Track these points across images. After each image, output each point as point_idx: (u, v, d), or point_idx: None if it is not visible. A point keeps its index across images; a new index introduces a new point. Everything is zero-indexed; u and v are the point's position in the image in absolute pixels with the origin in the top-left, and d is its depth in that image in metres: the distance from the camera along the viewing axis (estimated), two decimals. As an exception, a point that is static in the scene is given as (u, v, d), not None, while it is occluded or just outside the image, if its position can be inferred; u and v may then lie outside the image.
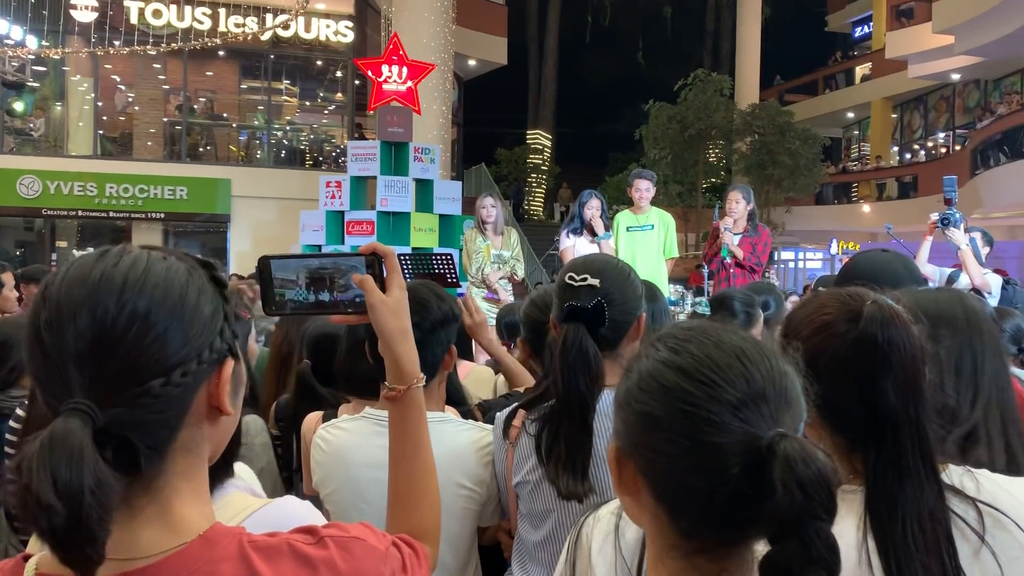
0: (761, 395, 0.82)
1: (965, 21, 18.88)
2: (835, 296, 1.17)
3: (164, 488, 0.82)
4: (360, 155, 11.69)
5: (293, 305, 1.15)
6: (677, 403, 0.83)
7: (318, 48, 19.11)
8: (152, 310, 0.80)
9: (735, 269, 6.03)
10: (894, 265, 2.19)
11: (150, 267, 0.82)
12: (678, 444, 0.82)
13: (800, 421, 0.84)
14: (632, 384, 0.88)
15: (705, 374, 0.83)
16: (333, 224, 11.60)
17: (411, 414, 1.21)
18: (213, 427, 0.87)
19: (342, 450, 1.77)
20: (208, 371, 0.84)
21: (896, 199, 23.82)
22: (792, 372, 0.86)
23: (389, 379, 1.21)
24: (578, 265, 1.70)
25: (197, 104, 19.27)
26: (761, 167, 21.05)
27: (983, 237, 5.53)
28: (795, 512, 0.75)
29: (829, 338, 1.13)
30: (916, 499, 1.04)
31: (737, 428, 0.80)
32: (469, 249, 6.82)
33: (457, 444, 1.76)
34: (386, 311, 1.16)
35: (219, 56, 18.99)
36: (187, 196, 17.13)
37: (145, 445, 0.80)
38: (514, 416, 1.76)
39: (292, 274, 1.14)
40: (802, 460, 0.76)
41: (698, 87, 21.04)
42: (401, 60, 11.86)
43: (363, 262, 1.15)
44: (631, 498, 0.88)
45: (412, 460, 1.21)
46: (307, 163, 19.67)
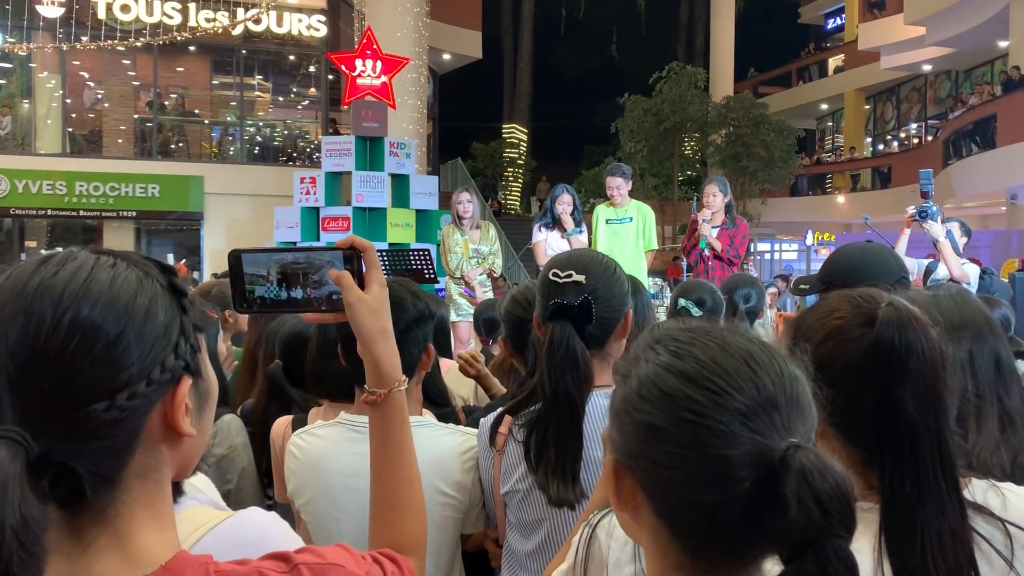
0: (772, 402, 0.76)
1: (936, 12, 19.06)
2: (847, 298, 1.11)
3: (118, 517, 0.75)
4: (334, 150, 11.60)
5: (263, 302, 1.08)
6: (681, 412, 0.76)
7: (290, 43, 18.92)
8: (94, 325, 0.72)
9: (713, 262, 6.04)
10: (882, 256, 2.16)
11: (93, 275, 0.74)
12: (682, 456, 0.75)
13: (812, 429, 0.79)
14: (631, 391, 0.81)
15: (711, 380, 0.77)
16: (308, 220, 11.51)
17: (393, 419, 1.14)
18: (174, 449, 0.79)
19: (316, 458, 1.70)
20: (161, 391, 0.76)
21: (870, 190, 24.04)
22: (803, 377, 0.80)
23: (369, 382, 1.13)
24: (562, 261, 1.64)
25: (168, 100, 19.02)
26: (736, 159, 21.16)
27: (961, 227, 5.57)
28: (811, 529, 0.69)
29: (842, 343, 1.07)
30: (937, 518, 0.98)
31: (747, 439, 0.74)
32: (447, 244, 6.78)
33: (437, 449, 1.70)
34: (365, 310, 1.08)
35: (190, 51, 18.75)
36: (159, 194, 16.91)
37: (91, 473, 0.72)
38: (500, 422, 1.69)
39: (263, 269, 1.07)
40: (818, 472, 0.70)
41: (673, 80, 21.09)
42: (375, 54, 11.77)
43: (340, 257, 1.08)
44: (629, 513, 0.82)
45: (395, 468, 1.14)
46: (281, 159, 19.49)
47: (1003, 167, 15.79)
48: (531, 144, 31.27)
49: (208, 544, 0.89)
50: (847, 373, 1.04)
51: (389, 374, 1.12)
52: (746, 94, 23.26)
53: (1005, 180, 16.00)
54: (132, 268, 0.78)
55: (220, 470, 2.28)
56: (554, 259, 1.68)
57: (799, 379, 0.79)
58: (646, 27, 33.42)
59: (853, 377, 1.04)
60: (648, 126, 21.17)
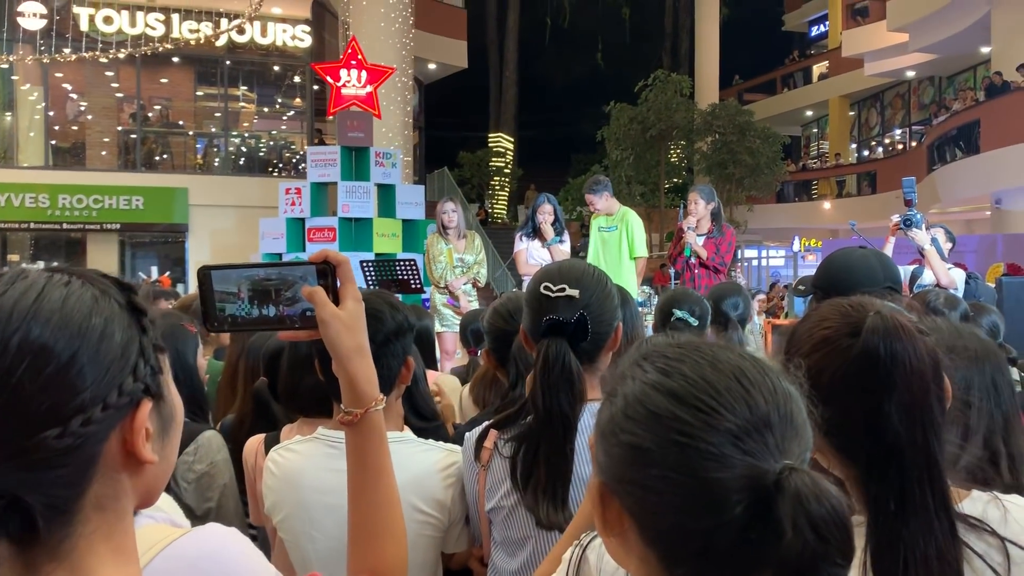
0: (765, 422, 0.71)
1: (918, 19, 19.22)
2: (836, 307, 1.08)
3: (74, 551, 0.70)
4: (320, 161, 11.56)
5: (235, 320, 1.04)
6: (669, 433, 0.72)
7: (275, 53, 18.89)
8: (44, 346, 0.68)
9: (699, 270, 6.05)
10: (869, 261, 2.15)
11: (45, 294, 0.70)
12: (671, 480, 0.71)
13: (808, 450, 0.75)
14: (617, 411, 0.77)
15: (701, 399, 0.72)
16: (294, 232, 11.46)
17: (370, 440, 1.09)
18: (135, 477, 0.75)
19: (293, 474, 1.66)
20: (119, 416, 0.72)
21: (856, 195, 24.17)
22: (797, 394, 0.76)
23: (345, 401, 1.08)
24: (554, 273, 1.60)
25: (152, 112, 18.94)
26: (722, 166, 21.22)
27: (946, 234, 5.62)
28: (807, 556, 0.65)
29: (830, 354, 1.04)
30: (922, 537, 0.95)
31: (739, 461, 0.70)
32: (432, 254, 6.76)
33: (415, 466, 1.66)
34: (339, 326, 1.04)
35: (174, 63, 18.69)
36: (143, 206, 16.82)
37: (44, 505, 0.68)
38: (485, 437, 1.66)
39: (233, 286, 1.03)
40: (814, 497, 0.66)
41: (658, 88, 21.16)
42: (360, 64, 11.75)
43: (314, 272, 1.04)
44: (616, 540, 0.78)
45: (373, 491, 1.09)
46: (266, 170, 19.43)
47: (987, 172, 15.90)
48: (518, 153, 31.31)
49: (159, 567, 0.82)
50: (836, 384, 1.01)
51: (366, 393, 1.08)
52: (731, 101, 23.37)
53: (989, 185, 16.12)
54: (87, 286, 0.74)
55: (200, 487, 2.24)
56: (545, 272, 1.63)
57: (793, 397, 0.75)
58: (631, 35, 33.59)
59: (842, 388, 1.00)
60: (634, 134, 21.23)
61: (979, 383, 1.34)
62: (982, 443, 1.31)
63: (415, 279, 6.32)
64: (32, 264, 15.00)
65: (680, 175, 23.98)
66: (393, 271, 6.35)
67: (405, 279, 6.31)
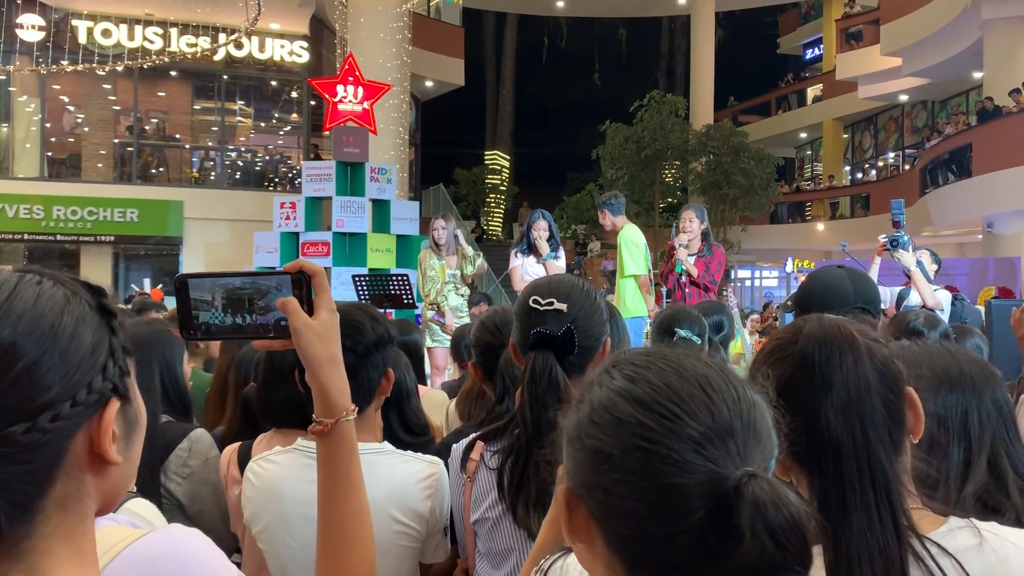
0: (727, 429, 0.73)
1: (911, 44, 19.40)
2: (796, 320, 1.12)
3: (33, 552, 0.70)
4: (315, 175, 11.60)
5: (208, 328, 1.05)
6: (633, 439, 0.73)
7: (272, 68, 18.97)
8: (15, 342, 0.68)
9: (690, 288, 6.07)
10: (842, 282, 2.18)
11: (17, 292, 0.71)
12: (634, 485, 0.72)
13: (771, 458, 0.76)
14: (583, 416, 0.78)
15: (664, 405, 0.73)
16: (288, 245, 11.48)
17: (341, 450, 1.09)
18: (99, 478, 0.75)
19: (273, 485, 1.67)
20: (87, 414, 0.72)
21: (849, 217, 24.28)
22: (762, 403, 0.77)
23: (316, 411, 1.09)
24: (543, 287, 1.61)
25: (148, 125, 18.98)
26: (716, 187, 21.32)
27: (931, 256, 5.65)
28: (764, 562, 0.66)
29: (779, 361, 1.07)
30: (865, 533, 0.96)
31: (700, 467, 0.70)
32: (423, 269, 6.78)
33: (394, 477, 1.66)
34: (311, 336, 1.04)
35: (171, 76, 18.75)
36: (138, 218, 16.82)
37: (7, 501, 0.68)
38: (472, 448, 1.67)
39: (208, 294, 1.04)
40: (772, 504, 0.67)
41: (653, 108, 21.28)
42: (357, 80, 11.81)
43: (288, 282, 1.05)
44: (584, 545, 0.78)
45: (343, 502, 1.10)
46: (262, 184, 19.46)
47: (979, 196, 16.00)
48: (513, 170, 31.45)
49: (118, 568, 0.81)
50: (783, 390, 1.01)
51: (337, 403, 1.08)
52: (726, 123, 23.49)
53: (981, 208, 16.21)
54: (59, 286, 0.75)
55: (194, 484, 2.25)
56: (535, 285, 1.65)
57: (758, 405, 0.76)
58: (627, 56, 33.82)
59: (787, 393, 1.01)
60: (629, 153, 21.32)
61: (979, 405, 1.34)
62: (986, 466, 1.32)
63: (407, 294, 6.34)
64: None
65: (675, 195, 24.06)
66: (386, 286, 6.38)
67: (397, 294, 6.33)
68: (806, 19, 30.90)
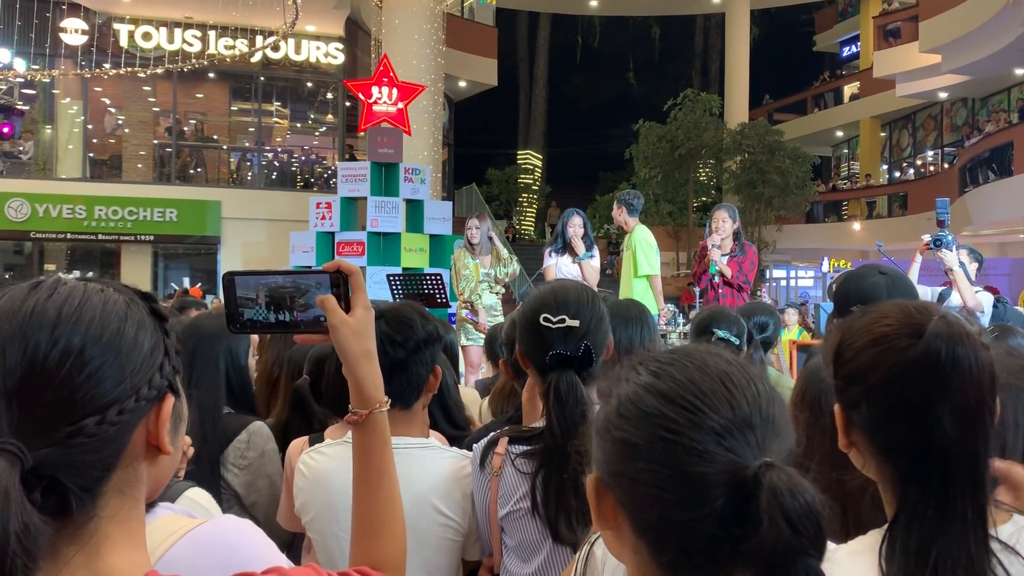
0: (747, 422, 0.77)
1: (951, 40, 19.07)
2: (899, 307, 1.07)
3: (95, 534, 0.77)
4: (350, 176, 11.71)
5: (253, 324, 1.12)
6: (657, 430, 0.78)
7: (308, 70, 19.15)
8: (87, 345, 0.76)
9: (724, 288, 6.03)
10: (875, 287, 2.15)
11: (86, 300, 0.79)
12: (658, 474, 0.77)
13: (789, 451, 0.80)
14: (611, 410, 0.83)
15: (687, 399, 0.79)
16: (323, 245, 11.60)
17: (374, 440, 1.17)
18: (152, 467, 0.83)
19: (323, 475, 1.73)
20: (147, 408, 0.80)
21: (886, 217, 23.94)
22: (780, 398, 0.81)
23: (352, 403, 1.16)
24: (550, 303, 1.65)
25: (187, 126, 19.27)
26: (751, 186, 21.15)
27: (970, 254, 5.55)
28: (781, 547, 0.71)
29: (887, 351, 1.03)
30: (956, 546, 0.94)
31: (721, 457, 0.76)
32: (457, 268, 6.82)
33: (439, 471, 1.71)
34: (348, 332, 1.11)
35: (209, 78, 19.01)
36: (177, 218, 17.08)
37: (77, 487, 0.75)
38: (495, 445, 1.70)
39: (252, 292, 1.11)
40: (788, 492, 0.72)
41: (687, 107, 21.17)
42: (391, 81, 11.90)
43: (327, 281, 1.12)
44: (612, 532, 0.84)
45: (375, 488, 1.17)
46: (297, 184, 19.65)
47: (1020, 194, 15.70)
48: (546, 170, 31.40)
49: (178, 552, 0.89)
50: (887, 383, 1.01)
51: (371, 395, 1.15)
52: (761, 121, 23.30)
53: (1022, 208, 15.91)
54: (119, 294, 0.83)
55: (251, 475, 2.30)
56: (540, 301, 1.67)
57: (776, 400, 0.81)
58: (661, 55, 33.62)
59: (893, 388, 1.01)
60: (662, 152, 21.23)
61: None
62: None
63: (441, 294, 6.37)
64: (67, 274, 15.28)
65: (708, 194, 23.91)
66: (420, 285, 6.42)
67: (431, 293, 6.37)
68: (843, 16, 30.48)
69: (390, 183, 11.63)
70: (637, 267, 6.48)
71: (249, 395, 2.50)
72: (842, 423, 1.08)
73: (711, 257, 6.02)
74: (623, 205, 6.60)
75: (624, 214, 6.57)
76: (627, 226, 6.60)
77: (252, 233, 17.12)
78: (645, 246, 6.50)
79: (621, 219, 6.61)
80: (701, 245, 6.31)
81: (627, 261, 6.57)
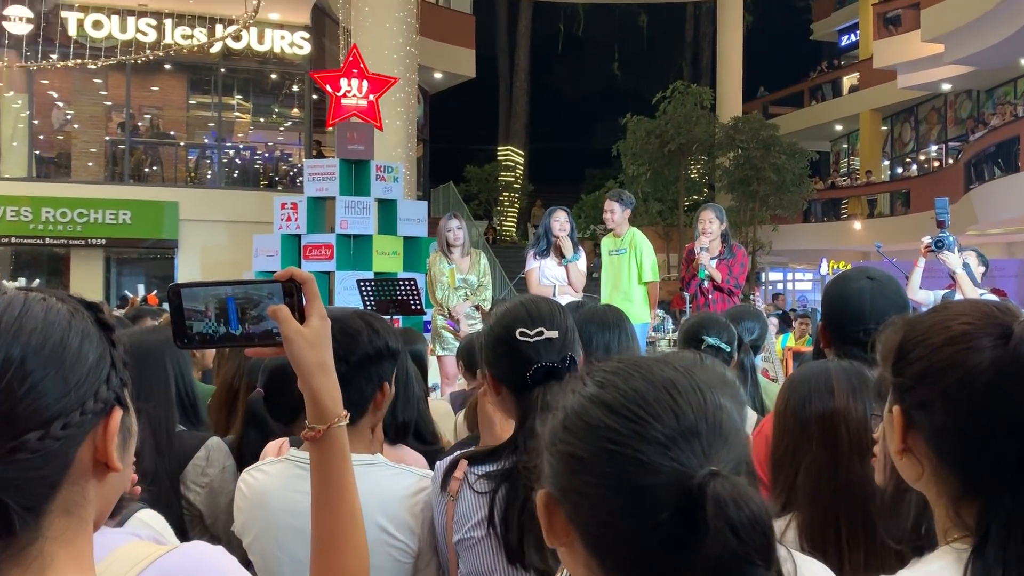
0: (692, 430, 0.80)
1: (955, 29, 19.29)
2: (976, 305, 1.05)
3: (39, 556, 0.78)
4: (317, 174, 11.66)
5: (202, 338, 1.13)
6: (602, 442, 0.81)
7: (272, 61, 19.11)
8: (28, 356, 0.77)
9: (714, 294, 6.07)
10: (858, 296, 2.15)
11: (26, 310, 0.80)
12: (604, 487, 0.80)
13: (741, 460, 0.82)
14: (557, 423, 0.87)
15: (631, 409, 0.82)
16: (289, 248, 11.54)
17: (333, 456, 1.19)
18: (100, 485, 0.83)
19: (262, 495, 1.74)
20: (93, 422, 0.81)
21: (888, 215, 24.16)
22: (729, 406, 0.84)
23: (309, 417, 1.18)
24: (523, 316, 1.68)
25: (141, 121, 19.15)
26: (746, 183, 21.30)
27: (978, 257, 5.63)
28: (728, 557, 0.74)
29: (966, 352, 0.99)
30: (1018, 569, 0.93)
31: (667, 467, 0.78)
32: (433, 273, 6.79)
33: (386, 490, 1.72)
34: (302, 343, 1.14)
35: (165, 70, 18.92)
36: (131, 220, 16.97)
37: (20, 506, 0.75)
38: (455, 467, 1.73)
39: (201, 304, 1.13)
40: (733, 501, 0.75)
41: (677, 100, 21.30)
42: (361, 73, 11.88)
43: (280, 290, 1.14)
44: (564, 548, 0.87)
45: (336, 506, 1.19)
46: (261, 183, 19.59)
47: (1028, 192, 15.89)
48: (528, 167, 31.48)
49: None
50: (963, 387, 0.98)
51: (328, 409, 1.18)
52: (755, 114, 23.47)
53: (1030, 205, 16.11)
54: (62, 303, 0.83)
55: (213, 493, 2.32)
56: (511, 315, 1.70)
57: (724, 408, 0.83)
58: (649, 44, 33.80)
59: (970, 392, 0.97)
60: (652, 148, 21.35)
61: None
62: None
63: (415, 300, 6.36)
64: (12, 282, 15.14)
65: (700, 192, 24.05)
66: (393, 291, 6.40)
67: (405, 300, 6.35)
68: (841, 3, 30.80)
69: (361, 182, 11.60)
70: (641, 272, 6.48)
71: (199, 410, 2.51)
72: (900, 426, 1.04)
73: (700, 261, 6.05)
74: (616, 202, 6.57)
75: (619, 213, 6.54)
76: (619, 226, 6.59)
77: (212, 236, 17.04)
78: (649, 250, 6.55)
79: (617, 218, 6.56)
80: (688, 248, 6.34)
81: (624, 265, 6.55)
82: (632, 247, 6.54)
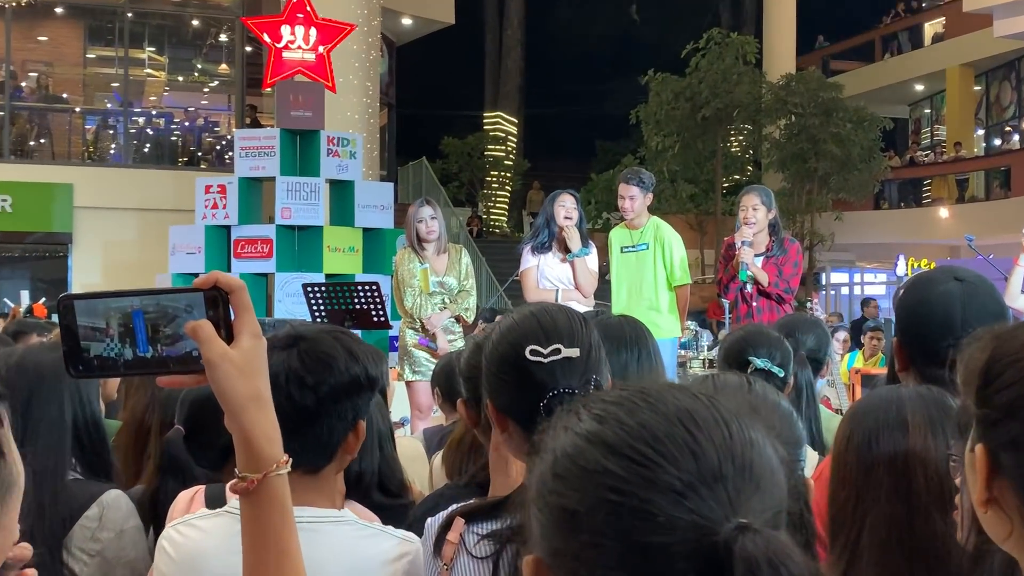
0: (715, 473, 0.80)
1: (1066, -39, 19.36)
2: None
3: None
4: (252, 148, 11.66)
5: (103, 363, 1.10)
6: (601, 491, 0.80)
7: (194, 3, 19.08)
8: None
9: (759, 300, 6.04)
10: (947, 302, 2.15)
11: None
12: (605, 548, 0.79)
13: (778, 509, 0.82)
14: (546, 469, 0.85)
15: (637, 448, 0.80)
16: (215, 243, 11.53)
17: (271, 513, 1.16)
18: None
19: (194, 558, 1.72)
20: None
21: (982, 200, 24.22)
22: (762, 441, 0.84)
23: (240, 464, 1.15)
24: (534, 331, 1.67)
25: (25, 81, 19.10)
26: (801, 159, 21.32)
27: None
28: None
29: None
30: None
31: (683, 521, 0.78)
32: (401, 275, 6.77)
33: (355, 556, 1.71)
34: (229, 369, 1.10)
35: (56, 15, 18.89)
36: (11, 208, 16.89)
37: None
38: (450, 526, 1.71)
39: (101, 320, 1.10)
40: (768, 562, 0.74)
41: (713, 53, 21.32)
42: (308, 18, 11.89)
43: (201, 301, 1.11)
44: None
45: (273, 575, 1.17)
46: (179, 161, 19.57)
47: None
48: (522, 140, 31.47)
49: None
50: None
51: (264, 452, 1.14)
52: (813, 71, 23.52)
53: None
54: None
55: (106, 563, 2.29)
56: (519, 330, 1.69)
57: (756, 444, 0.83)
58: (678, -19, 33.89)
59: None
60: (681, 115, 21.36)
61: None
62: None
63: (378, 310, 6.35)
64: None
65: (743, 171, 24.10)
66: (350, 299, 6.39)
67: (365, 310, 6.34)
68: (922, -71, 30.94)
69: (307, 158, 11.61)
70: (670, 274, 6.48)
71: (105, 452, 2.49)
72: (984, 470, 1.04)
73: (741, 258, 6.04)
74: (636, 185, 6.52)
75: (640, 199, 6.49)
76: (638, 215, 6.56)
77: (117, 228, 16.98)
78: (679, 245, 6.53)
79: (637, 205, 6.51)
80: (727, 243, 6.32)
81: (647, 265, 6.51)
82: (657, 241, 6.50)
